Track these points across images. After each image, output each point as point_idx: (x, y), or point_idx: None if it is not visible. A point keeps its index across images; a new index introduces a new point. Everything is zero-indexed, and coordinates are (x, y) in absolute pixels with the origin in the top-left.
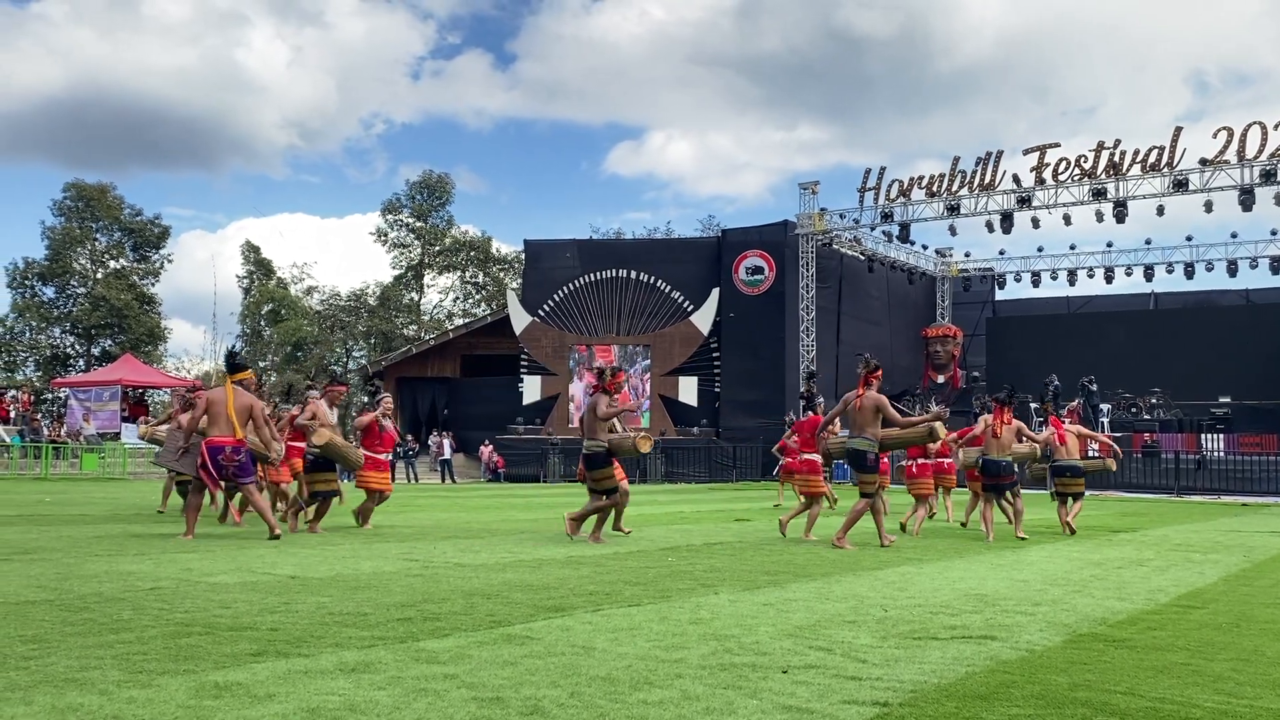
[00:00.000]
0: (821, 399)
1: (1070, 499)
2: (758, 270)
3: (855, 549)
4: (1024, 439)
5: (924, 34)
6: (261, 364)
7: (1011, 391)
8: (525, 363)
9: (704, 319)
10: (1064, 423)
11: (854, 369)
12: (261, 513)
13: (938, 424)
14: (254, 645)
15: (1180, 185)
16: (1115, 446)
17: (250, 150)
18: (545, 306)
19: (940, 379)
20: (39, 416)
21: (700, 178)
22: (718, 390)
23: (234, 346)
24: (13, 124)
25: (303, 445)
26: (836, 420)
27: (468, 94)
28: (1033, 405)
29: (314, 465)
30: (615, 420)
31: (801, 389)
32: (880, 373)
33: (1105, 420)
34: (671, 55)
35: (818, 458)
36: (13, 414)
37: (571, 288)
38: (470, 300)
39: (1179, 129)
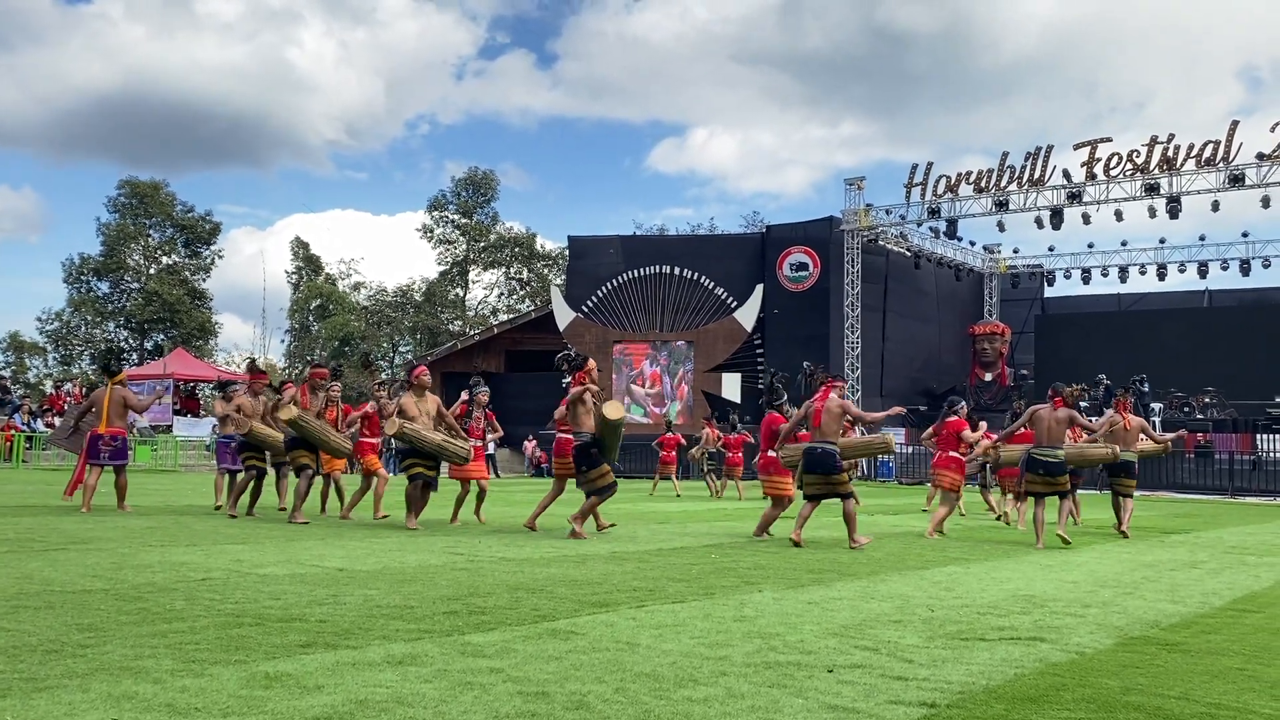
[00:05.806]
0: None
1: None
2: (802, 266)
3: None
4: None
5: (968, 29)
6: (309, 358)
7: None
8: None
9: (748, 315)
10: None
11: (900, 366)
12: (120, 489)
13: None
14: (303, 636)
15: (1236, 180)
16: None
17: (299, 147)
18: (589, 302)
19: (988, 377)
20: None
21: (743, 174)
22: (761, 387)
23: (112, 353)
24: (69, 122)
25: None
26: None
27: (511, 93)
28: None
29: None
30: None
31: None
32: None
33: (1157, 420)
34: (714, 53)
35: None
36: (67, 407)
37: (615, 284)
38: (515, 296)
39: (1235, 123)
